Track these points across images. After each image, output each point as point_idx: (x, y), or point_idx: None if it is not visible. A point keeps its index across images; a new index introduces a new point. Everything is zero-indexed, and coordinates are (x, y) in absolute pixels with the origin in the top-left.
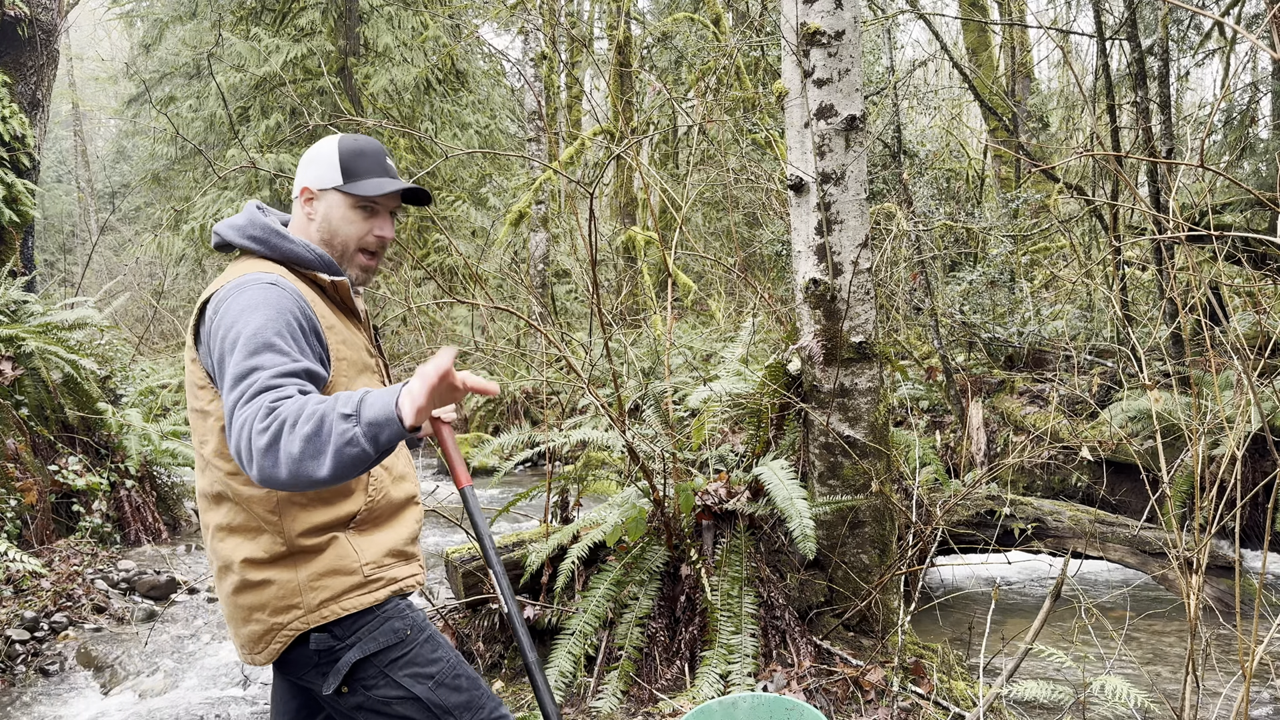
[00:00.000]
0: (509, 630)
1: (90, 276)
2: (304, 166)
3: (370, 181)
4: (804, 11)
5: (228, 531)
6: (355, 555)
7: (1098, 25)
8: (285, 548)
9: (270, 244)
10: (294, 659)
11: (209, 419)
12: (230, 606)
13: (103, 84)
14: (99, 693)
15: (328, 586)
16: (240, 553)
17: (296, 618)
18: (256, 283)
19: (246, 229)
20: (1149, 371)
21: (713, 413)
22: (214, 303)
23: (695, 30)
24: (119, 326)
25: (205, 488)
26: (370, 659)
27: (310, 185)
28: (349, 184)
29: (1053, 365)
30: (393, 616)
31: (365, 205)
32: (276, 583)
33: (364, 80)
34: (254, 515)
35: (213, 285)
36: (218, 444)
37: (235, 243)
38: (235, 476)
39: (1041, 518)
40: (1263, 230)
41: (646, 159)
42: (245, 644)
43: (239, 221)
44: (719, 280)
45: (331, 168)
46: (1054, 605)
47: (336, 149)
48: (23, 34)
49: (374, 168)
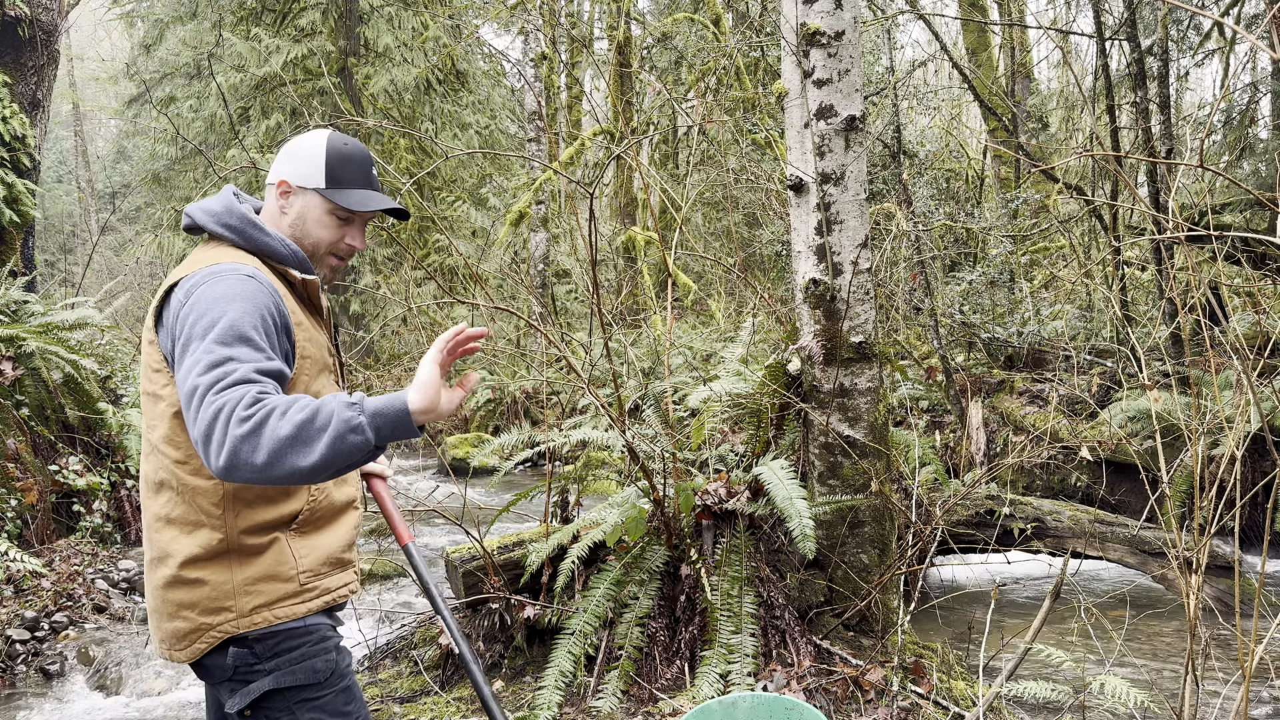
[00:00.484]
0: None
1: (90, 276)
2: (286, 158)
3: (355, 193)
4: (804, 12)
5: (165, 522)
6: (293, 562)
7: (1097, 25)
8: (225, 545)
9: (246, 235)
10: (211, 665)
11: (160, 403)
12: (158, 599)
13: (103, 84)
14: (99, 693)
15: (262, 592)
16: (177, 546)
17: (227, 620)
18: (235, 273)
19: (222, 216)
20: (1149, 371)
21: (713, 413)
22: (185, 286)
23: (695, 30)
24: (119, 326)
25: (149, 473)
26: (282, 691)
27: (290, 180)
28: (331, 189)
29: (1052, 365)
30: (317, 655)
31: (343, 214)
32: (210, 583)
33: (364, 80)
34: (196, 508)
35: (181, 269)
36: (167, 430)
37: (208, 228)
38: (182, 465)
39: (1041, 518)
40: (1262, 230)
41: (646, 159)
42: (167, 639)
43: (214, 207)
44: (719, 280)
45: (316, 168)
46: (1054, 605)
47: (324, 150)
48: (23, 34)
49: (358, 177)
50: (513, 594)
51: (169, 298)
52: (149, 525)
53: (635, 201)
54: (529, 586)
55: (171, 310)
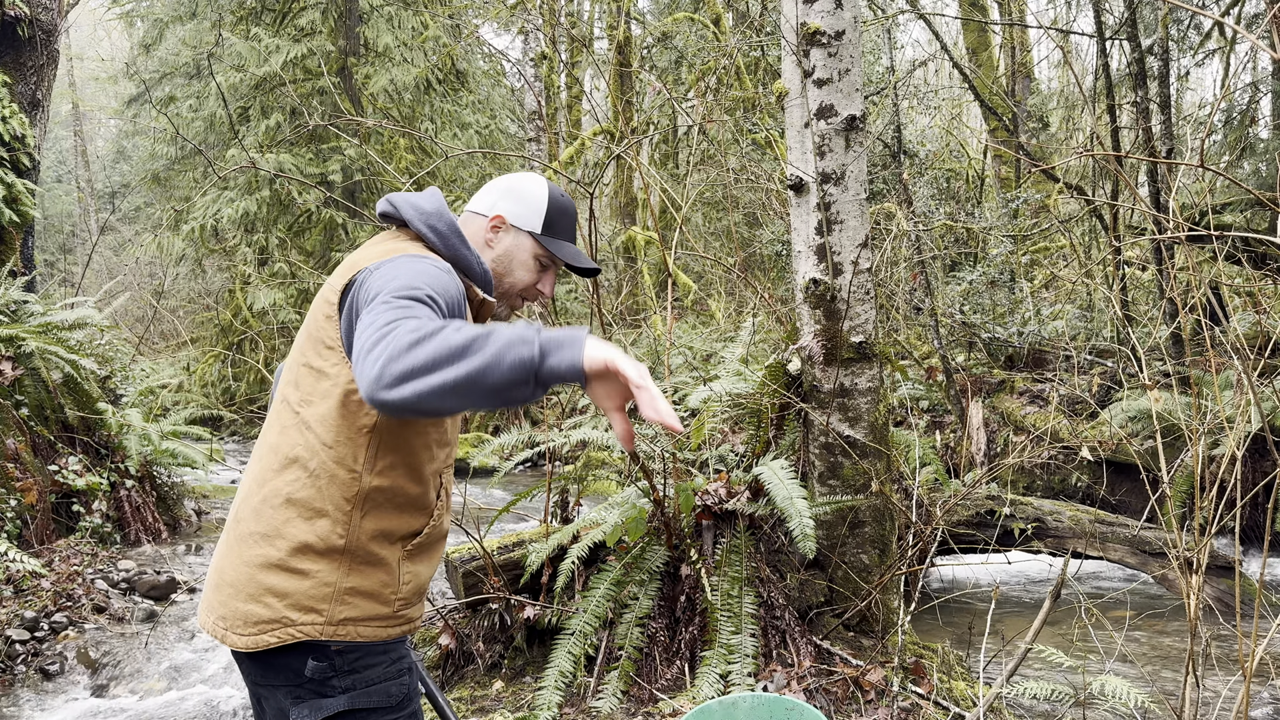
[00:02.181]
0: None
1: (90, 276)
2: (505, 196)
3: (567, 246)
4: (804, 11)
5: (286, 501)
6: (397, 586)
7: (1098, 25)
8: (344, 544)
9: (449, 242)
10: (277, 664)
11: (325, 381)
12: (244, 576)
13: (103, 84)
14: (99, 693)
15: (357, 606)
16: (293, 530)
17: (312, 624)
18: (435, 264)
19: (431, 216)
20: (1149, 371)
21: (713, 413)
22: (376, 264)
23: (695, 30)
24: (119, 326)
25: (281, 446)
26: (354, 713)
27: (506, 217)
28: (545, 237)
29: (1053, 365)
30: (392, 679)
31: (546, 261)
32: (314, 579)
33: (364, 80)
34: (326, 496)
35: (369, 254)
36: (326, 410)
37: (412, 223)
38: (328, 449)
39: (1041, 518)
40: (1263, 230)
41: (646, 159)
42: (231, 619)
43: (425, 206)
44: (719, 280)
45: (536, 214)
46: (1054, 605)
47: (547, 199)
48: (23, 34)
49: (569, 230)
50: (513, 594)
51: (355, 278)
52: (263, 498)
53: (635, 201)
54: (529, 586)
55: (357, 288)
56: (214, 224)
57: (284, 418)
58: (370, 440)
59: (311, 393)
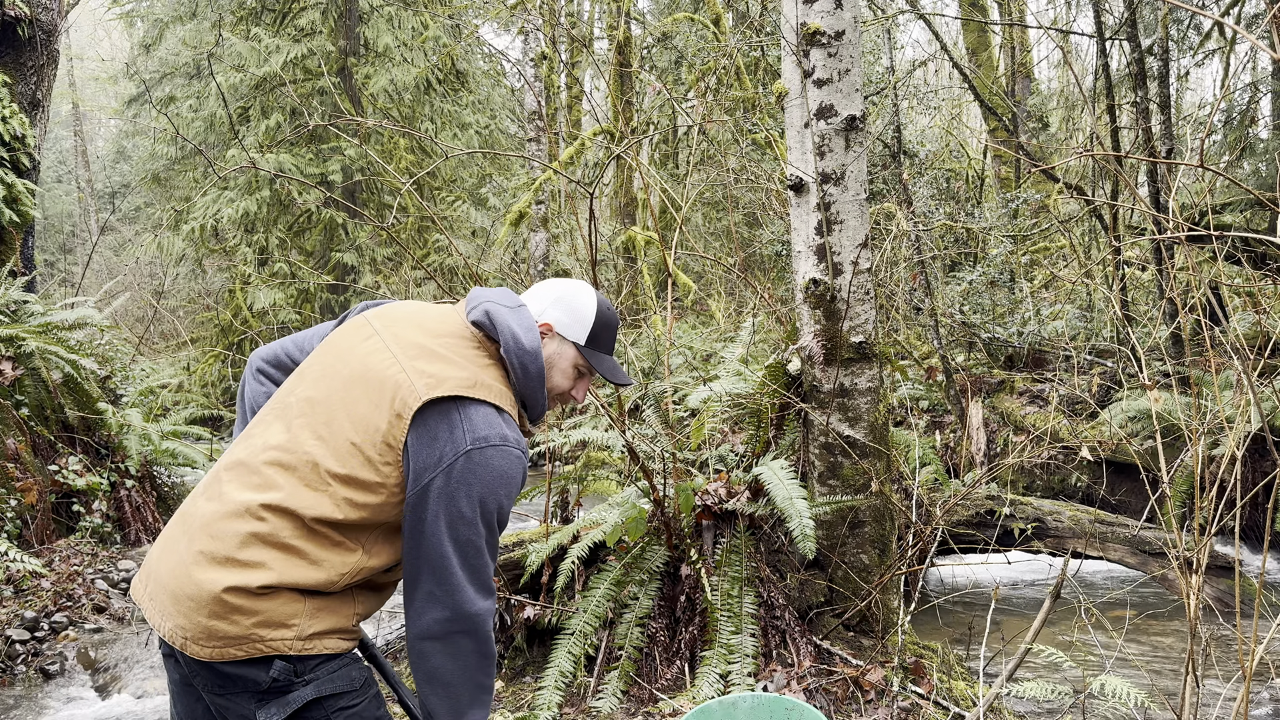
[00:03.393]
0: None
1: (90, 276)
2: (556, 304)
3: (607, 360)
4: (804, 11)
5: (281, 547)
6: (352, 605)
7: (1098, 25)
8: (315, 589)
9: (528, 386)
10: (237, 675)
11: (373, 473)
12: (207, 595)
13: (103, 84)
14: (99, 693)
15: (324, 620)
16: (278, 566)
17: (283, 639)
18: (516, 447)
19: (525, 357)
20: (1149, 371)
21: (713, 413)
22: (473, 428)
23: (695, 30)
24: (119, 326)
25: (297, 500)
26: (322, 700)
27: (554, 325)
28: (589, 350)
29: (1053, 365)
30: (351, 664)
31: (585, 370)
32: (283, 599)
33: (364, 80)
34: (327, 557)
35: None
36: (366, 501)
37: (508, 354)
38: (348, 529)
39: (1041, 518)
40: (1263, 230)
41: (646, 159)
42: (194, 632)
43: (526, 342)
44: (719, 280)
45: (583, 326)
46: (1054, 605)
47: (594, 314)
48: (23, 34)
49: (610, 343)
50: (513, 594)
51: (446, 404)
52: (247, 530)
53: (635, 201)
54: (529, 586)
55: (448, 428)
56: (214, 224)
57: (308, 476)
58: (382, 531)
59: (355, 478)
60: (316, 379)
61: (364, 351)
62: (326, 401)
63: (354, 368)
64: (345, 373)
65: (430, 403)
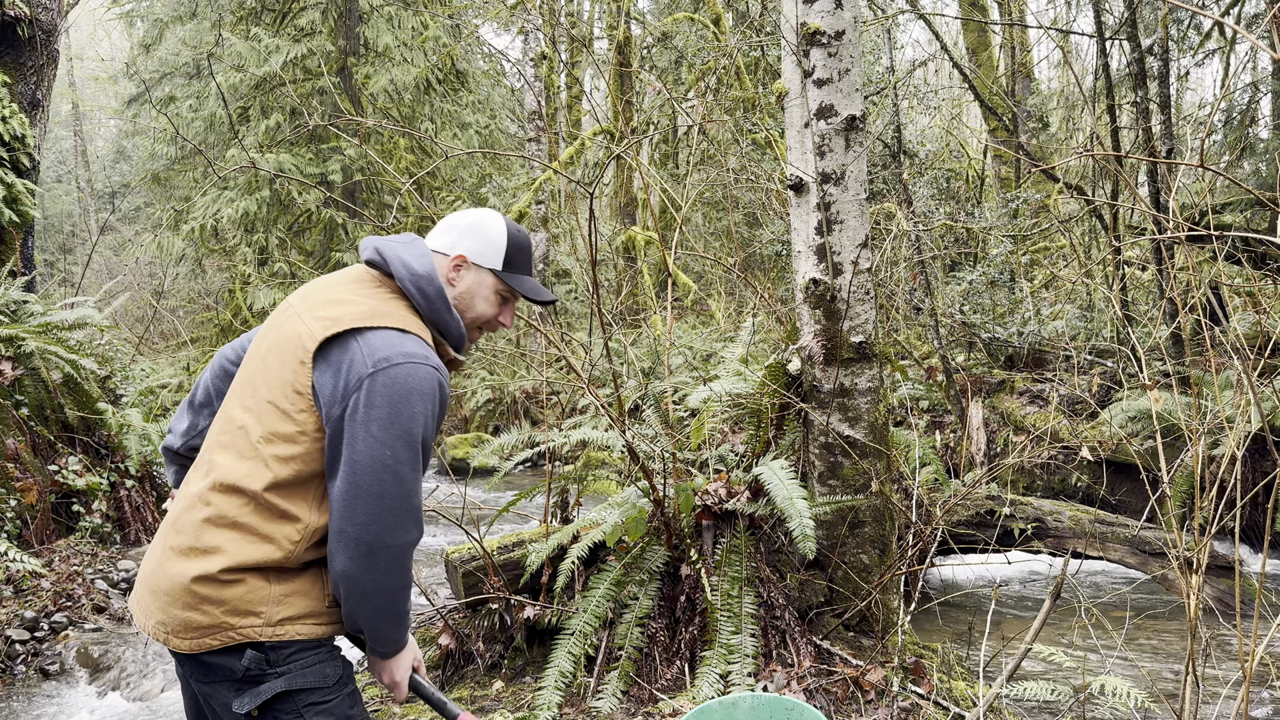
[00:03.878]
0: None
1: (90, 276)
2: (465, 235)
3: (527, 281)
4: (804, 11)
5: (230, 524)
6: (322, 586)
7: (1098, 25)
8: (280, 564)
9: (434, 307)
10: (215, 664)
11: (290, 424)
12: (176, 586)
13: (103, 84)
14: (99, 693)
15: (293, 605)
16: (234, 548)
17: (252, 626)
18: (425, 363)
19: (422, 281)
20: (1149, 371)
21: (713, 413)
22: (371, 348)
23: (695, 30)
24: (119, 326)
25: (235, 472)
26: (294, 694)
27: (467, 256)
28: (507, 273)
29: (1053, 365)
30: (327, 660)
31: (507, 294)
32: (249, 586)
33: (364, 80)
34: (274, 527)
35: (363, 313)
36: (291, 454)
37: (403, 284)
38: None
39: (1041, 518)
40: (1263, 230)
41: (646, 159)
42: (172, 625)
43: (417, 267)
44: (719, 280)
45: (496, 251)
46: (1054, 605)
47: (506, 236)
48: (23, 34)
49: (527, 264)
50: (513, 594)
51: (345, 338)
52: (202, 517)
53: (635, 201)
54: (529, 587)
55: (349, 357)
56: (214, 224)
57: (240, 445)
58: (316, 485)
59: (275, 433)
60: (246, 362)
61: (280, 323)
62: (251, 376)
63: (271, 339)
64: (265, 346)
65: (328, 340)
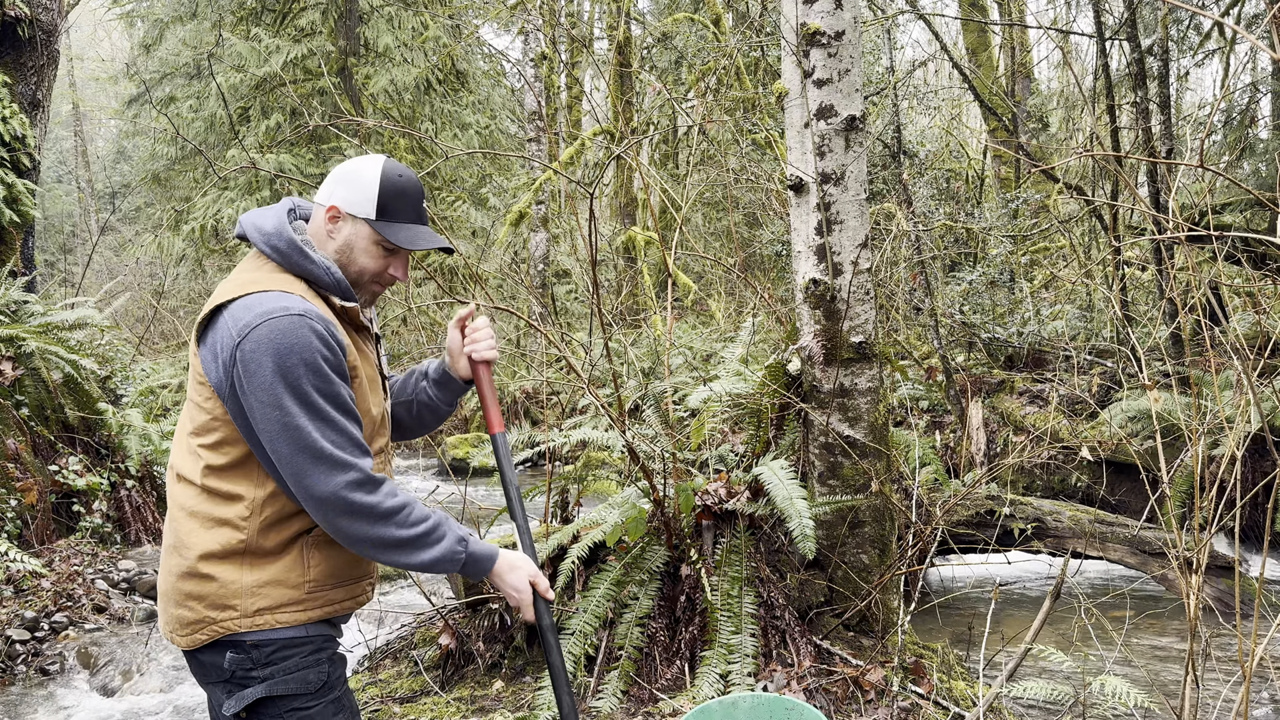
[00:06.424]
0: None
1: (90, 276)
2: (339, 182)
3: (404, 229)
4: (804, 12)
5: (188, 514)
6: (304, 570)
7: (1098, 25)
8: (243, 546)
9: (291, 260)
10: (207, 662)
11: (203, 415)
12: (168, 584)
13: (103, 84)
14: (99, 693)
15: (268, 595)
16: (196, 539)
17: (230, 618)
18: (285, 314)
19: (272, 238)
20: (1149, 371)
21: (713, 413)
22: (234, 317)
23: (695, 30)
24: (119, 326)
25: (179, 466)
26: (274, 699)
27: (340, 206)
28: (381, 222)
29: (1053, 365)
30: (310, 666)
31: (390, 246)
32: (220, 580)
33: (364, 80)
34: (223, 510)
35: (227, 288)
36: (211, 440)
37: (256, 245)
38: (217, 473)
39: (1041, 518)
40: (1263, 230)
41: (646, 159)
42: (171, 623)
43: (267, 225)
44: (719, 280)
45: (368, 199)
46: (1054, 605)
47: (378, 182)
48: (23, 34)
49: (409, 211)
50: None
51: (214, 318)
52: (172, 513)
53: (635, 201)
54: None
55: (219, 334)
56: (214, 224)
57: (183, 443)
58: (254, 461)
59: (195, 424)
60: None
61: None
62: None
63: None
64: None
65: (203, 324)
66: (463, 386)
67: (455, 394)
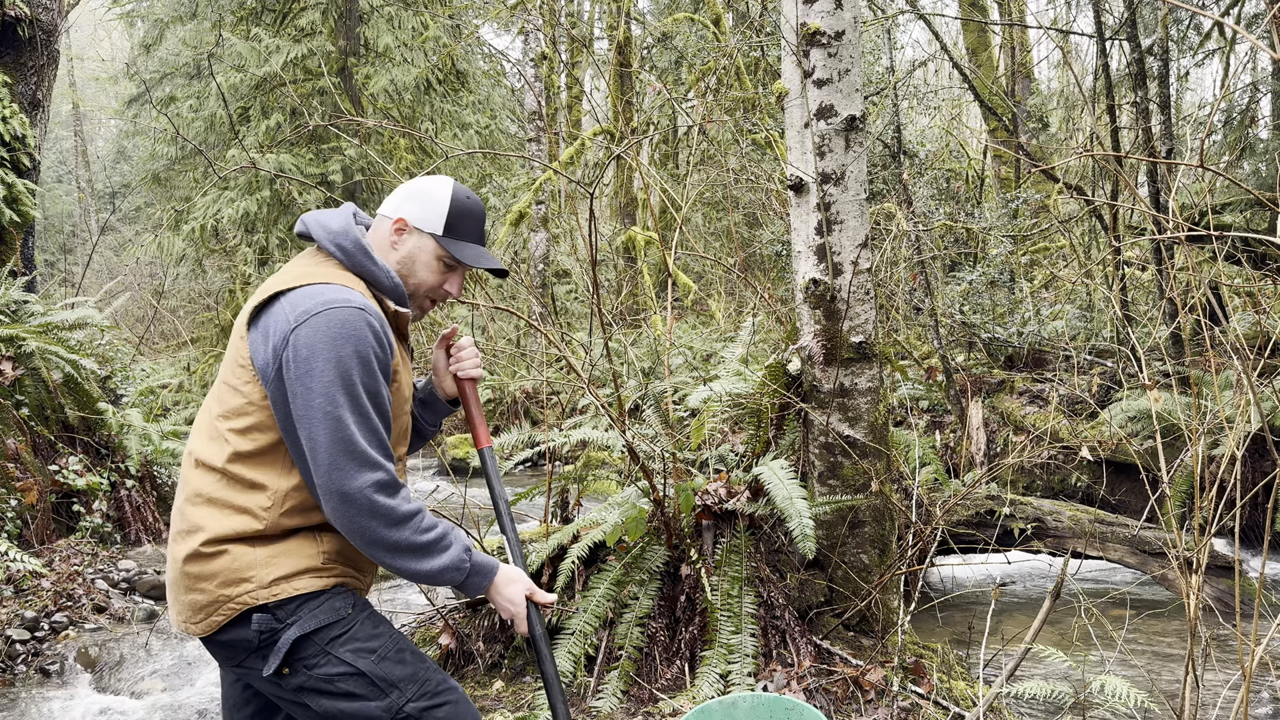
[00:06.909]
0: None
1: (90, 276)
2: (408, 198)
3: (468, 247)
4: (804, 11)
5: (206, 500)
6: (317, 543)
7: (1098, 25)
8: (259, 533)
9: (355, 260)
10: (233, 640)
11: (239, 398)
12: (177, 571)
13: (103, 84)
14: (99, 693)
15: (282, 564)
16: (212, 523)
17: (246, 592)
18: (346, 305)
19: (338, 235)
20: (1149, 371)
21: (713, 413)
22: (295, 304)
23: (695, 30)
24: (119, 326)
25: (202, 452)
26: (311, 636)
27: (408, 219)
28: (447, 239)
29: (1053, 365)
30: (334, 596)
31: (451, 262)
32: (232, 554)
33: (364, 80)
34: (246, 499)
35: (288, 277)
36: (246, 425)
37: (321, 242)
38: (247, 461)
39: (1041, 518)
40: (1263, 230)
41: (646, 159)
42: (184, 612)
43: (332, 224)
44: (719, 280)
45: (438, 215)
46: (1054, 605)
47: (449, 200)
48: (23, 34)
49: (473, 231)
50: None
51: (270, 304)
52: (185, 499)
53: (635, 201)
54: None
55: (274, 318)
56: (214, 224)
57: (207, 427)
58: (282, 450)
59: (230, 408)
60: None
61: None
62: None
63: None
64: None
65: (257, 309)
66: (448, 407)
67: (440, 415)
